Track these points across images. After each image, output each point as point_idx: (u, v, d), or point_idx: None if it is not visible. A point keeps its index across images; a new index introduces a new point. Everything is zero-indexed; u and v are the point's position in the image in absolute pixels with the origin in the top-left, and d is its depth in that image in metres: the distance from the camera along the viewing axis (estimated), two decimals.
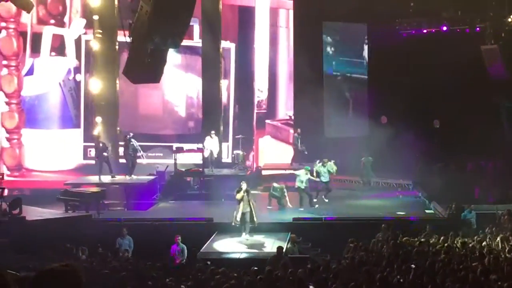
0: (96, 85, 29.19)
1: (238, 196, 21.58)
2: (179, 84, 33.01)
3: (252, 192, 23.50)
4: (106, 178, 27.33)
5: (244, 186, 21.86)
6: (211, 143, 28.99)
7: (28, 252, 18.49)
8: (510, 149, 29.29)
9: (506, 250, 16.75)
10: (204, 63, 31.21)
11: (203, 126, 30.87)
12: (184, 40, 19.37)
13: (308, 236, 21.89)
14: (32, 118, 31.61)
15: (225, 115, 32.35)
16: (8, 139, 31.42)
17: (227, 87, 33.15)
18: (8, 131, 31.34)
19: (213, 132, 29.14)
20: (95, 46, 29.10)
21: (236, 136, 32.13)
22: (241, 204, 21.47)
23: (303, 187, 25.34)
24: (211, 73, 30.84)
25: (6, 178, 27.57)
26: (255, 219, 21.67)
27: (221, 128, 31.21)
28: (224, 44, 31.89)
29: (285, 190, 25.48)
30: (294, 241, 20.63)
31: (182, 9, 17.71)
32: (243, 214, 21.48)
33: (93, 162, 28.91)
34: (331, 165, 26.68)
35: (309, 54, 31.90)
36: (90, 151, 30.69)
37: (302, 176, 25.40)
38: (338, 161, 28.96)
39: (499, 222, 22.41)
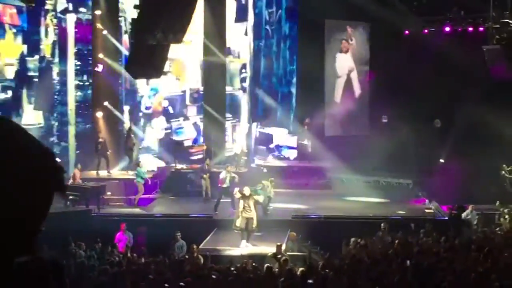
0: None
1: (237, 195, 21.27)
2: None
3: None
4: (104, 174, 27.45)
5: (246, 191, 21.15)
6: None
7: None
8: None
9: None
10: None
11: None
12: None
13: (307, 234, 21.82)
14: None
15: None
16: None
17: None
18: None
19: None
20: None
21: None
22: (241, 208, 20.77)
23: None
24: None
25: None
26: (254, 225, 20.83)
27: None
28: None
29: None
30: (293, 239, 20.57)
31: (184, 3, 17.67)
32: (247, 219, 20.76)
33: None
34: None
35: (312, 52, 31.83)
36: None
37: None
38: (338, 160, 29.12)
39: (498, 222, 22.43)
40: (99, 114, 29.15)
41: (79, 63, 31.20)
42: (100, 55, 29.27)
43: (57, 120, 30.74)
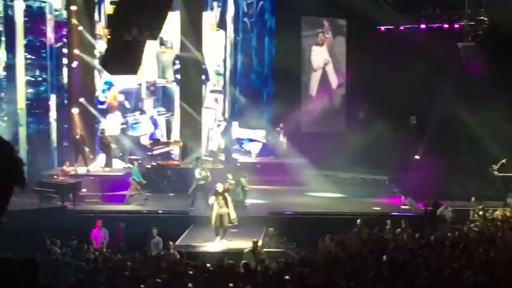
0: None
1: (210, 200, 21.18)
2: None
3: None
4: (82, 170, 27.29)
5: (219, 187, 21.01)
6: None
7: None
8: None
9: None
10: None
11: None
12: None
13: (283, 230, 21.84)
14: None
15: None
16: None
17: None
18: None
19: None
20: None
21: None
22: (215, 206, 20.64)
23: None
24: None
25: None
26: (232, 217, 20.73)
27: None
28: None
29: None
30: (271, 235, 20.58)
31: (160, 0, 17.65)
32: (221, 216, 20.64)
33: None
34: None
35: (288, 48, 31.78)
36: None
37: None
38: (314, 156, 29.23)
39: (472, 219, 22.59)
40: (75, 111, 28.96)
41: (30, 56, 28.86)
42: (76, 51, 28.98)
43: (4, 121, 28.19)
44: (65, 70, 30.11)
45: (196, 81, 30.84)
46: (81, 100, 29.02)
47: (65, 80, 30.09)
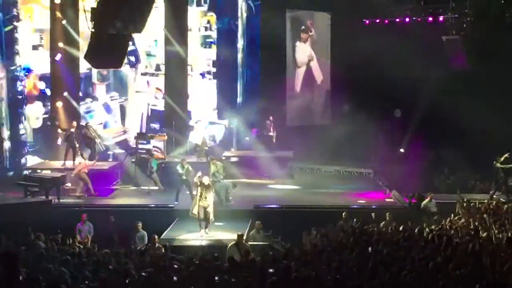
0: None
1: (196, 180, 21.19)
2: None
3: None
4: (68, 164, 27.15)
5: (205, 180, 21.12)
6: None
7: None
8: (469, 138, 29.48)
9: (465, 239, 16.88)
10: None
11: None
12: None
13: (268, 224, 21.82)
14: None
15: None
16: None
17: None
18: None
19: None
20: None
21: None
22: (198, 197, 20.74)
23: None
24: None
25: None
26: (211, 216, 20.77)
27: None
28: None
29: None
30: (258, 228, 20.57)
31: None
32: (204, 208, 20.69)
33: None
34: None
35: (273, 42, 31.68)
36: None
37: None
38: (299, 150, 29.23)
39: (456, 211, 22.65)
40: (59, 104, 28.80)
41: None
42: (60, 44, 28.77)
43: None
44: (18, 59, 28.43)
45: (180, 74, 30.77)
46: (65, 94, 28.89)
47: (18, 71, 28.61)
